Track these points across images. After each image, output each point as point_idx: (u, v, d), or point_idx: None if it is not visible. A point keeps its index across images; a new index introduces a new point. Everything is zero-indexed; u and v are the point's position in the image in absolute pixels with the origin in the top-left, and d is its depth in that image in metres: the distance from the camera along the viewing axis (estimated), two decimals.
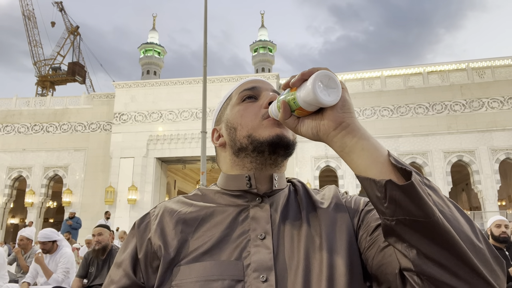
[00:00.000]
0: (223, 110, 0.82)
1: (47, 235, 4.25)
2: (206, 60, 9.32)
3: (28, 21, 35.28)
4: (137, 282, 0.69)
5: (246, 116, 0.75)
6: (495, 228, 3.45)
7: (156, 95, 18.07)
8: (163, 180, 18.44)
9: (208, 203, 0.75)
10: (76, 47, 36.60)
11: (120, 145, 17.41)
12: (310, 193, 0.78)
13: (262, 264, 0.64)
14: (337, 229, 0.70)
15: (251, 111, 0.75)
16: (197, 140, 16.42)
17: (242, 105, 0.77)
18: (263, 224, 0.70)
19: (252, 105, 0.76)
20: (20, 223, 24.12)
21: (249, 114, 0.75)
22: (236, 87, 0.82)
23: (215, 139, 0.82)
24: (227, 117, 0.79)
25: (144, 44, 30.62)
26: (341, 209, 0.74)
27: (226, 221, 0.70)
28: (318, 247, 0.67)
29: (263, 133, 0.72)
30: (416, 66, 17.88)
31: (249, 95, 0.78)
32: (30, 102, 19.60)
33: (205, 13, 9.71)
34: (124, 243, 0.75)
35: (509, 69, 16.83)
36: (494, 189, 15.26)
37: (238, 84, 0.83)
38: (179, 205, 0.75)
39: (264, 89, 0.79)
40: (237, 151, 0.75)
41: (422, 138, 16.29)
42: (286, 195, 0.77)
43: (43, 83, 35.13)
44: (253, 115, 0.74)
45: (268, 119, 0.72)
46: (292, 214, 0.73)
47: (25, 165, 18.30)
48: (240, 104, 0.78)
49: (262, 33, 31.64)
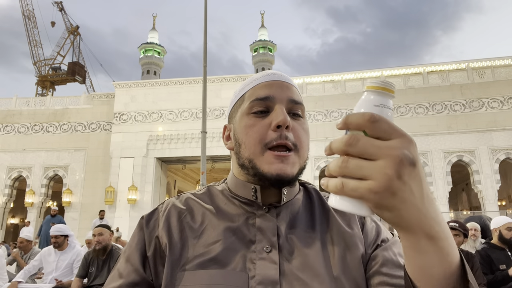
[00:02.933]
0: (236, 109, 0.76)
1: (60, 229, 4.30)
2: (206, 60, 9.31)
3: (28, 21, 35.26)
4: (146, 278, 0.68)
5: (250, 136, 0.69)
6: (505, 230, 3.44)
7: (156, 95, 18.06)
8: (163, 180, 18.43)
9: (216, 206, 0.73)
10: (76, 47, 36.61)
11: (120, 145, 17.41)
12: (326, 207, 0.75)
13: (267, 277, 0.63)
14: (350, 255, 0.67)
15: (257, 131, 0.69)
16: (197, 140, 16.41)
17: (250, 119, 0.71)
18: (269, 236, 0.67)
19: (260, 122, 0.69)
20: (20, 223, 24.10)
21: (254, 134, 0.69)
22: (251, 85, 0.75)
23: (225, 138, 0.79)
24: (235, 125, 0.74)
25: (144, 44, 30.58)
26: (357, 234, 0.71)
27: (232, 228, 0.69)
28: (328, 270, 0.65)
29: (263, 166, 0.67)
30: (416, 66, 17.88)
31: (260, 110, 0.70)
32: (30, 102, 19.59)
33: (205, 12, 9.69)
34: (132, 237, 0.74)
35: (509, 69, 16.82)
36: (494, 189, 15.26)
37: (254, 81, 0.75)
38: (186, 205, 0.74)
39: (278, 100, 0.70)
40: (241, 165, 0.72)
41: (422, 138, 16.28)
42: (297, 204, 0.74)
43: (43, 83, 35.11)
44: (257, 139, 0.68)
45: (270, 151, 0.67)
46: (302, 227, 0.70)
47: (25, 165, 18.29)
48: (248, 115, 0.71)
49: (262, 33, 31.59)
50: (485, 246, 3.56)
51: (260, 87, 0.73)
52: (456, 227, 3.34)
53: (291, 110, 0.71)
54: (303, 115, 0.73)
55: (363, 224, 0.73)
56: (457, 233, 3.35)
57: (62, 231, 4.30)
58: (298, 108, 0.72)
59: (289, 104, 0.71)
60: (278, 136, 0.67)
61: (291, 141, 0.67)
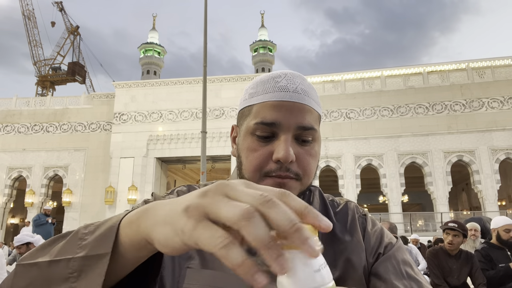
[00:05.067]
0: (243, 116, 0.71)
1: (19, 240, 4.17)
2: (206, 60, 9.30)
3: (28, 21, 35.27)
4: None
5: (250, 162, 0.66)
6: (503, 232, 3.44)
7: (156, 95, 18.06)
8: (163, 180, 18.43)
9: None
10: (76, 47, 36.62)
11: (120, 145, 17.41)
12: (329, 212, 0.73)
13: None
14: (352, 265, 0.67)
15: (257, 157, 0.65)
16: (197, 140, 16.41)
17: (253, 141, 0.66)
18: None
19: (262, 148, 0.65)
20: (20, 223, 24.10)
21: (254, 161, 0.65)
22: (261, 96, 0.67)
23: (232, 139, 0.75)
24: (239, 138, 0.70)
25: (144, 44, 30.57)
26: (358, 243, 0.69)
27: None
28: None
29: None
30: (416, 66, 17.87)
31: (264, 136, 0.66)
32: (30, 102, 19.60)
33: (205, 11, 9.69)
34: None
35: (509, 69, 16.82)
36: (494, 189, 15.26)
37: (265, 93, 0.67)
38: None
39: (285, 128, 0.65)
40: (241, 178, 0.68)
41: (422, 138, 16.28)
42: None
43: (43, 83, 35.13)
44: (257, 166, 0.65)
45: (267, 178, 0.64)
46: None
47: (25, 165, 18.30)
48: (252, 136, 0.66)
49: (262, 33, 31.59)
50: (485, 246, 3.57)
51: (269, 107, 0.66)
52: (455, 228, 3.34)
53: (300, 137, 0.66)
54: (314, 138, 0.68)
55: (364, 229, 0.72)
56: (456, 234, 3.35)
57: (21, 240, 4.15)
58: (309, 135, 0.66)
59: (298, 131, 0.65)
60: (278, 168, 0.63)
61: (293, 173, 0.64)
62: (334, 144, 16.68)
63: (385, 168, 16.22)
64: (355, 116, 16.96)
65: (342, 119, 16.98)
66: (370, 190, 20.04)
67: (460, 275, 3.33)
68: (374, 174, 16.99)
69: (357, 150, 16.60)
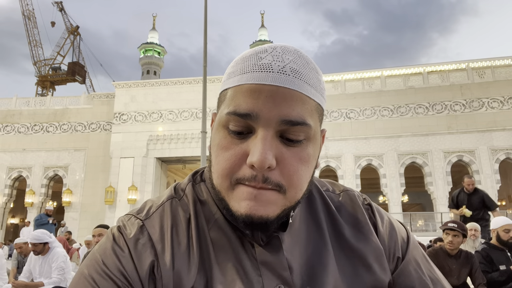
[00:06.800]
0: (222, 100, 0.53)
1: (38, 237, 4.20)
2: (206, 60, 9.30)
3: (28, 21, 35.29)
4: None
5: (220, 163, 0.50)
6: (503, 232, 3.45)
7: (156, 95, 18.07)
8: (163, 180, 18.43)
9: (208, 218, 0.56)
10: (76, 47, 36.63)
11: (120, 145, 17.42)
12: (334, 215, 0.59)
13: None
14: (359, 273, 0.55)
15: (228, 159, 0.49)
16: (197, 140, 16.42)
17: (225, 136, 0.50)
18: (279, 272, 0.51)
19: (234, 147, 0.49)
20: (20, 223, 24.10)
21: (224, 163, 0.49)
22: (238, 77, 0.50)
23: (211, 126, 0.58)
24: (213, 132, 0.55)
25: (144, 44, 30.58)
26: (373, 248, 0.57)
27: (230, 250, 0.53)
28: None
29: (233, 203, 0.49)
30: (416, 66, 17.87)
31: (237, 131, 0.49)
32: (30, 102, 19.61)
33: (205, 11, 9.69)
34: None
35: (509, 69, 16.82)
36: (494, 189, 15.25)
37: (243, 71, 0.50)
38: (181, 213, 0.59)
39: (263, 122, 0.47)
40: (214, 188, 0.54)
41: (422, 138, 16.28)
42: (301, 218, 0.57)
43: (43, 83, 35.15)
44: (227, 170, 0.49)
45: (241, 186, 0.48)
46: (314, 250, 0.55)
47: (25, 165, 18.30)
48: (224, 129, 0.50)
49: (262, 33, 31.60)
50: (485, 246, 3.57)
51: (244, 92, 0.48)
52: (455, 228, 3.34)
53: (284, 135, 0.48)
54: (308, 137, 0.50)
55: (375, 225, 0.59)
56: (456, 234, 3.35)
57: (40, 239, 4.21)
58: (299, 132, 0.48)
59: (282, 127, 0.48)
60: (252, 176, 0.47)
61: (272, 184, 0.47)
62: (334, 144, 16.69)
63: (385, 168, 16.22)
64: (355, 116, 16.96)
65: (342, 119, 16.99)
66: (370, 190, 20.06)
67: (460, 275, 3.33)
68: (374, 174, 16.99)
69: (357, 150, 16.60)
